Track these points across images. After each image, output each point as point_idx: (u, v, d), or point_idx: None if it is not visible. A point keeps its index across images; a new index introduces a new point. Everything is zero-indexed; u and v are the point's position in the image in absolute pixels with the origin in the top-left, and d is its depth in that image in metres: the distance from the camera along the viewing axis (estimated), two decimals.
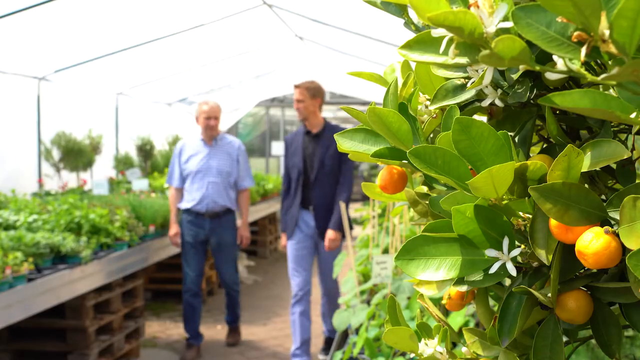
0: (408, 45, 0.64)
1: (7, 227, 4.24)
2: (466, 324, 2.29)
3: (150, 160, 8.17)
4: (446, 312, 2.32)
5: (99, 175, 7.34)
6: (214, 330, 5.85)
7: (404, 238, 3.20)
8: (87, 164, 6.64)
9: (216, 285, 7.25)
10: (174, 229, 5.17)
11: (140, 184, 6.35)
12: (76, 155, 6.46)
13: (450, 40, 0.61)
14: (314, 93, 4.74)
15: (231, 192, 5.28)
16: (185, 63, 7.97)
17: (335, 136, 0.98)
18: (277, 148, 11.32)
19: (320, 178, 4.65)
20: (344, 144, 0.96)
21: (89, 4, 5.39)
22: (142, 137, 8.08)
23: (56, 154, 6.44)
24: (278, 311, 6.53)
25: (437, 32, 0.59)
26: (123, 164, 7.66)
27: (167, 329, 5.93)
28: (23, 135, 6.50)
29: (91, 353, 4.30)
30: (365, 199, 15.72)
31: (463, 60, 0.62)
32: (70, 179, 6.62)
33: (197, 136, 5.30)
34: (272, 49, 8.16)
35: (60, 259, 4.07)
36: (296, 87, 4.86)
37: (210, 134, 5.23)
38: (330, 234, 4.46)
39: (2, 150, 6.16)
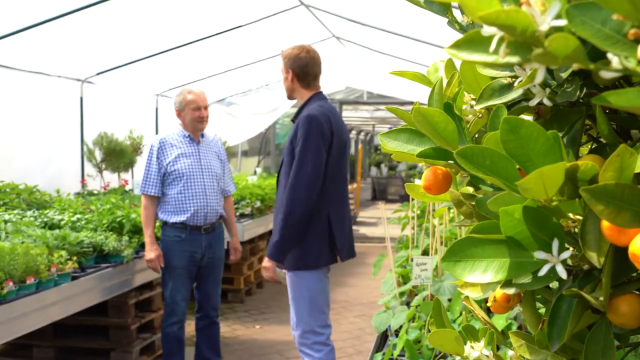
0: (456, 45, 0.63)
1: (52, 226, 4.33)
2: (509, 326, 2.26)
3: None
4: (488, 315, 2.28)
5: (140, 175, 7.45)
6: (252, 330, 5.89)
7: (444, 239, 3.18)
8: (129, 165, 6.74)
9: (254, 285, 7.29)
10: (154, 250, 4.07)
11: None
12: (117, 156, 6.56)
13: (501, 39, 0.60)
14: (285, 63, 3.54)
15: (222, 199, 4.36)
16: (223, 64, 8.05)
17: (379, 136, 0.97)
18: None
19: (279, 180, 3.50)
20: (387, 144, 0.96)
21: (129, 8, 5.48)
22: None
23: (98, 155, 6.55)
24: None
25: (487, 31, 0.58)
26: None
27: None
28: (67, 136, 6.65)
29: (133, 350, 4.37)
30: (403, 199, 15.66)
31: (514, 59, 0.61)
32: (112, 179, 6.73)
33: (176, 132, 4.25)
34: None
35: (102, 257, 4.14)
36: None
37: (200, 128, 4.25)
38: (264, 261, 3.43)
39: (47, 151, 6.31)
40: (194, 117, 4.17)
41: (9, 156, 5.82)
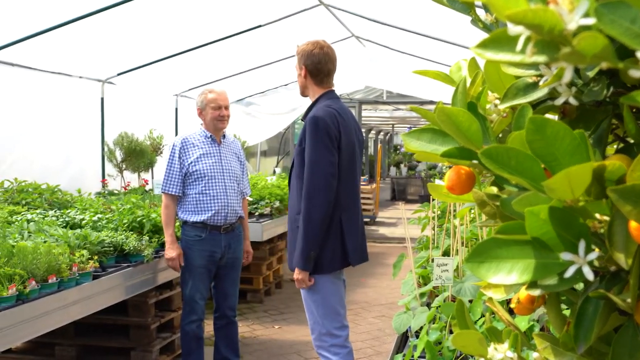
0: (483, 44, 0.62)
1: (74, 225, 4.37)
2: (531, 328, 2.24)
3: None
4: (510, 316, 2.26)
5: (160, 175, 7.49)
6: (272, 330, 5.90)
7: (465, 240, 3.16)
8: (149, 165, 6.79)
9: (273, 285, 7.30)
10: (175, 249, 4.10)
11: None
12: (138, 156, 6.61)
13: (528, 38, 0.59)
14: (299, 59, 3.44)
15: (241, 200, 4.36)
16: (242, 64, 8.07)
17: (402, 136, 0.97)
18: None
19: (291, 182, 3.44)
20: (410, 144, 0.95)
21: (150, 9, 5.51)
22: None
23: (119, 155, 6.60)
24: None
25: (514, 30, 0.57)
26: None
27: None
28: (88, 136, 6.70)
29: (153, 350, 4.40)
30: (423, 199, 15.59)
31: (541, 58, 0.60)
32: (132, 179, 6.77)
33: (198, 132, 4.26)
34: None
35: (123, 257, 4.17)
36: None
37: (221, 128, 4.23)
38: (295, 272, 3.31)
39: (68, 151, 6.37)
40: (214, 116, 4.17)
41: (31, 156, 5.88)
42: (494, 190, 0.97)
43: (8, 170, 5.45)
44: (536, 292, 0.82)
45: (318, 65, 3.37)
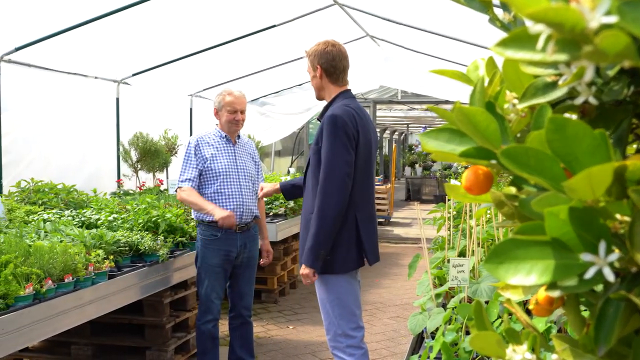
0: (502, 43, 0.61)
1: (89, 225, 4.40)
2: (548, 329, 2.23)
3: None
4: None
5: (175, 175, 7.53)
6: (286, 331, 5.90)
7: (481, 241, 3.14)
8: (163, 165, 6.82)
9: (288, 286, 7.31)
10: (221, 211, 4.02)
11: None
12: (153, 156, 6.64)
13: (549, 37, 0.58)
14: (312, 60, 3.42)
15: (256, 200, 4.35)
16: (257, 64, 8.09)
17: (419, 136, 0.96)
18: None
19: (306, 181, 3.42)
20: (428, 144, 0.94)
21: (165, 10, 5.54)
22: None
23: (134, 155, 6.63)
24: None
25: (535, 28, 0.57)
26: None
27: None
28: (103, 136, 6.75)
29: (168, 349, 4.42)
30: (438, 200, 15.53)
31: (562, 57, 0.59)
32: (147, 179, 6.81)
33: (213, 131, 4.28)
34: None
35: (138, 257, 4.19)
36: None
37: (235, 131, 4.28)
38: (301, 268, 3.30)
39: (84, 151, 6.41)
40: (229, 119, 4.19)
41: (48, 156, 5.93)
42: (513, 190, 0.96)
43: (25, 170, 5.49)
44: (555, 294, 0.81)
45: (333, 63, 3.34)
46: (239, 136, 4.35)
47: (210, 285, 4.17)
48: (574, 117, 0.94)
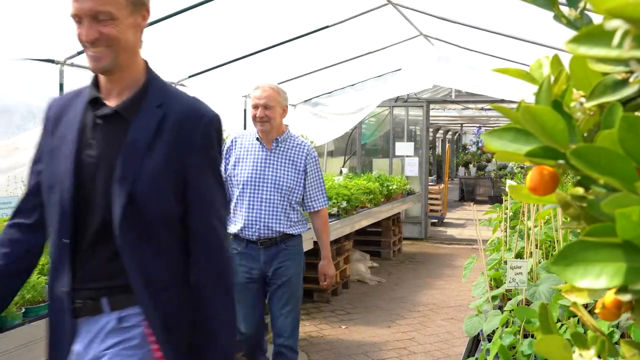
0: (576, 40, 0.60)
1: None
2: (611, 334, 2.17)
3: None
4: None
5: None
6: (338, 330, 5.91)
7: (539, 242, 3.08)
8: None
9: (340, 285, 7.31)
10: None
11: None
12: None
13: (626, 33, 0.56)
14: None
15: (293, 215, 3.77)
16: (309, 65, 8.12)
17: (483, 136, 0.94)
18: (401, 148, 11.25)
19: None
20: (491, 144, 0.93)
21: (218, 13, 5.61)
22: None
23: None
24: (402, 313, 6.49)
25: (611, 24, 0.55)
26: None
27: None
28: None
29: None
30: (493, 200, 15.30)
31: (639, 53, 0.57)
32: None
33: (254, 131, 3.85)
34: (396, 49, 8.13)
35: None
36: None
37: (261, 130, 3.75)
38: None
39: None
40: (252, 115, 3.76)
41: None
42: (580, 191, 0.93)
43: None
44: (626, 297, 0.79)
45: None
46: (277, 140, 3.79)
47: (238, 309, 3.78)
48: None
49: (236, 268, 3.63)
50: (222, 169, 3.56)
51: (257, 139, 3.78)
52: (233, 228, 3.71)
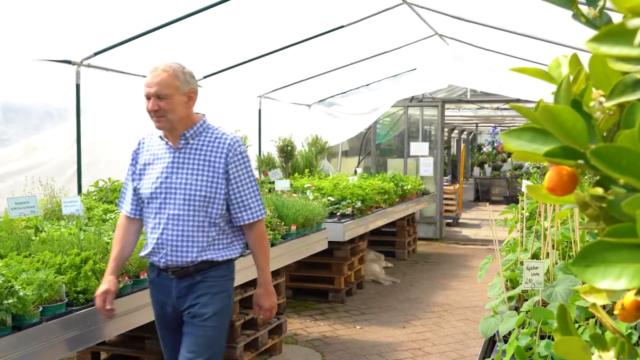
0: (597, 39, 0.59)
1: None
2: (629, 336, 2.15)
3: (291, 161, 8.38)
4: None
5: None
6: (353, 331, 5.90)
7: (556, 243, 3.05)
8: None
9: (355, 286, 7.30)
10: (104, 283, 2.89)
11: (282, 184, 6.50)
12: None
13: None
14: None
15: (216, 234, 2.89)
16: (324, 65, 8.12)
17: (501, 136, 0.94)
18: (416, 148, 11.22)
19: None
20: (510, 143, 0.92)
21: (233, 14, 5.62)
22: (284, 138, 8.30)
23: None
24: (417, 314, 6.47)
25: (633, 23, 0.55)
26: (266, 164, 7.91)
27: (307, 326, 6.05)
28: None
29: (238, 346, 4.48)
30: (508, 200, 15.21)
31: None
32: None
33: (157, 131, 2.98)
34: (411, 48, 8.11)
35: None
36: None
37: (160, 127, 2.90)
38: None
39: None
40: (146, 109, 2.87)
41: (125, 157, 6.08)
42: (599, 191, 0.92)
43: (104, 169, 5.68)
44: None
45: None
46: (184, 136, 2.89)
47: (160, 341, 3.12)
48: None
49: (152, 300, 3.04)
50: (128, 179, 3.07)
51: (161, 137, 2.96)
52: (143, 251, 3.01)
